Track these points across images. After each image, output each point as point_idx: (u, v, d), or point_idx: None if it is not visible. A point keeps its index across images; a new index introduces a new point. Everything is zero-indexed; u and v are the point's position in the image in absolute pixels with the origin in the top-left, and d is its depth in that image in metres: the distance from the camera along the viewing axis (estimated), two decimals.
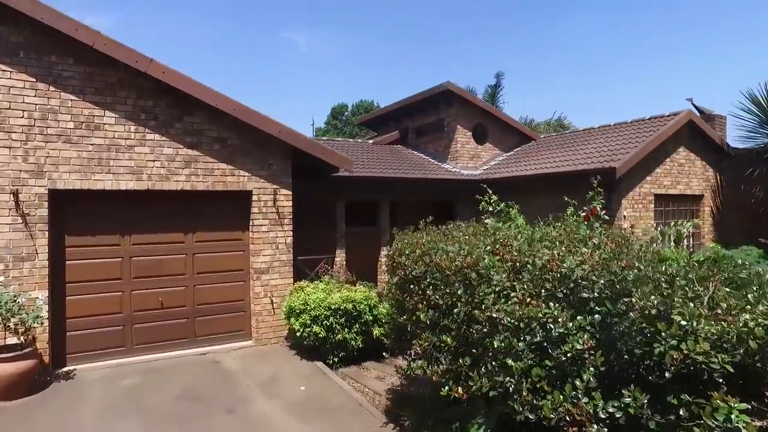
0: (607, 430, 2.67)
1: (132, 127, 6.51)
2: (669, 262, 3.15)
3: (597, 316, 2.93)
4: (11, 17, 5.80)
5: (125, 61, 6.24)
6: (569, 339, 2.86)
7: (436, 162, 13.75)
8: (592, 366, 2.86)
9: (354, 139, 17.91)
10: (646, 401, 2.60)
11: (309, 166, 7.92)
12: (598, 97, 60.04)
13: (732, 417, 2.22)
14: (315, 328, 6.43)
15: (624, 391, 2.70)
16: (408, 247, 4.07)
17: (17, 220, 5.86)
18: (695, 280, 2.71)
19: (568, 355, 2.87)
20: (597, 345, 2.89)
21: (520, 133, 14.68)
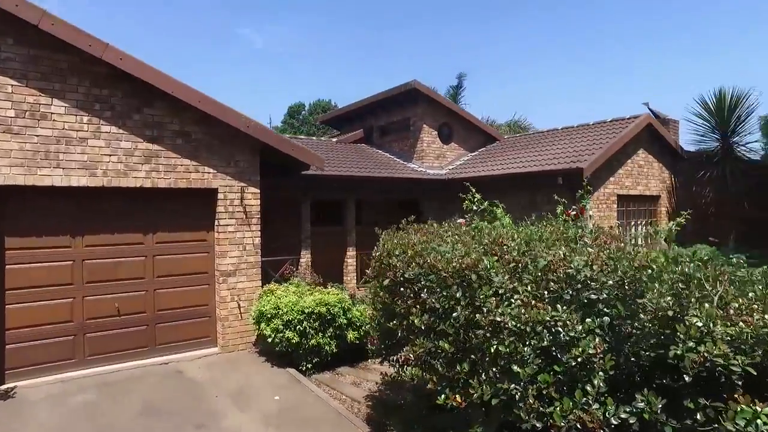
0: None
1: (85, 118, 5.94)
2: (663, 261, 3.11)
3: (606, 318, 2.83)
4: None
5: (77, 45, 5.67)
6: (579, 343, 2.74)
7: (401, 161, 13.64)
8: (601, 370, 2.76)
9: (317, 138, 17.53)
10: (661, 406, 2.51)
11: (278, 163, 7.56)
12: (555, 99, 62.16)
13: (758, 422, 2.15)
14: (288, 333, 6.10)
15: (637, 396, 2.61)
16: (398, 248, 3.86)
17: None
18: (704, 279, 2.66)
19: (578, 360, 2.75)
20: (606, 348, 2.79)
21: (484, 133, 14.81)
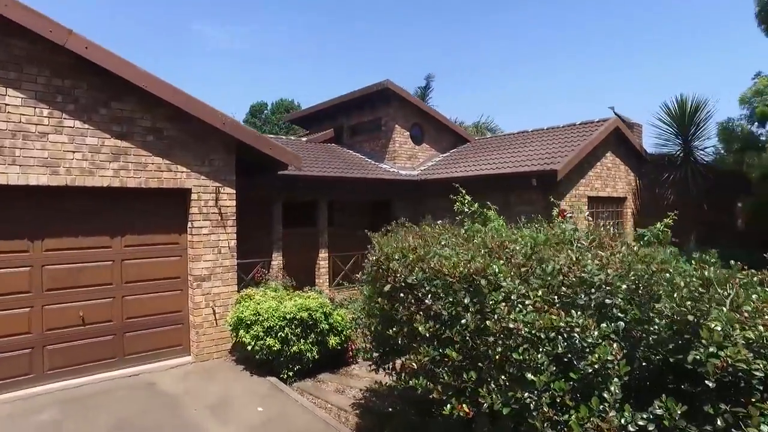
0: None
1: (45, 111, 5.47)
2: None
3: (621, 323, 2.80)
4: None
5: (36, 30, 5.21)
6: (597, 349, 2.69)
7: (373, 162, 13.51)
8: (616, 377, 2.72)
9: (287, 137, 17.13)
10: (680, 412, 2.49)
11: (254, 162, 7.27)
12: (520, 102, 63.67)
13: None
14: (269, 340, 5.84)
15: (656, 402, 2.58)
16: (397, 252, 3.72)
17: None
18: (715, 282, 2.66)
19: (595, 366, 2.70)
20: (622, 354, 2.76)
21: (455, 134, 14.90)
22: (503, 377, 3.07)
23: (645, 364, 2.88)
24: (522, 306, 2.98)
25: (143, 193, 6.18)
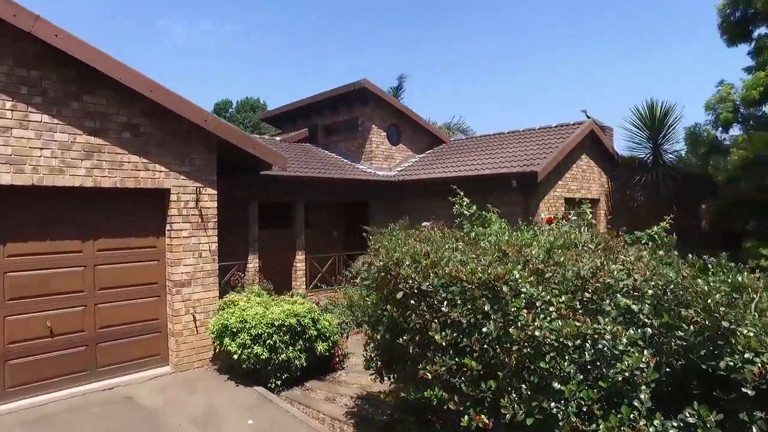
0: None
1: (8, 104, 5.00)
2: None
3: (648, 329, 2.75)
4: None
5: None
6: (628, 356, 2.62)
7: (350, 162, 13.30)
8: (644, 384, 2.67)
9: (260, 136, 16.64)
10: (715, 420, 2.45)
11: (236, 162, 6.94)
12: (487, 105, 64.68)
13: None
14: (256, 348, 5.56)
15: (687, 410, 2.54)
16: (408, 257, 3.56)
17: None
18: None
19: (625, 374, 2.63)
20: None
21: (431, 135, 14.87)
22: (524, 386, 2.98)
23: (668, 370, 2.85)
24: (546, 313, 2.89)
25: (119, 194, 5.76)
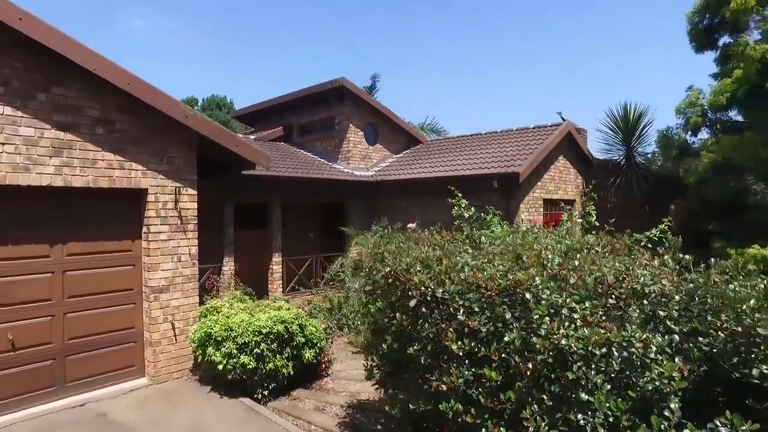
0: None
1: None
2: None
3: (675, 336, 2.68)
4: None
5: None
6: (659, 365, 2.54)
7: (326, 162, 13.04)
8: (673, 393, 2.60)
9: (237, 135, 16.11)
10: (749, 429, 2.39)
11: (216, 161, 6.59)
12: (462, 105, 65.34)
13: None
14: (243, 358, 5.27)
15: (718, 420, 2.47)
16: (418, 263, 3.39)
17: None
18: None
19: (656, 383, 2.55)
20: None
21: (408, 135, 14.76)
22: (545, 396, 2.87)
23: (694, 377, 2.80)
24: (570, 321, 2.79)
25: (91, 194, 5.34)
